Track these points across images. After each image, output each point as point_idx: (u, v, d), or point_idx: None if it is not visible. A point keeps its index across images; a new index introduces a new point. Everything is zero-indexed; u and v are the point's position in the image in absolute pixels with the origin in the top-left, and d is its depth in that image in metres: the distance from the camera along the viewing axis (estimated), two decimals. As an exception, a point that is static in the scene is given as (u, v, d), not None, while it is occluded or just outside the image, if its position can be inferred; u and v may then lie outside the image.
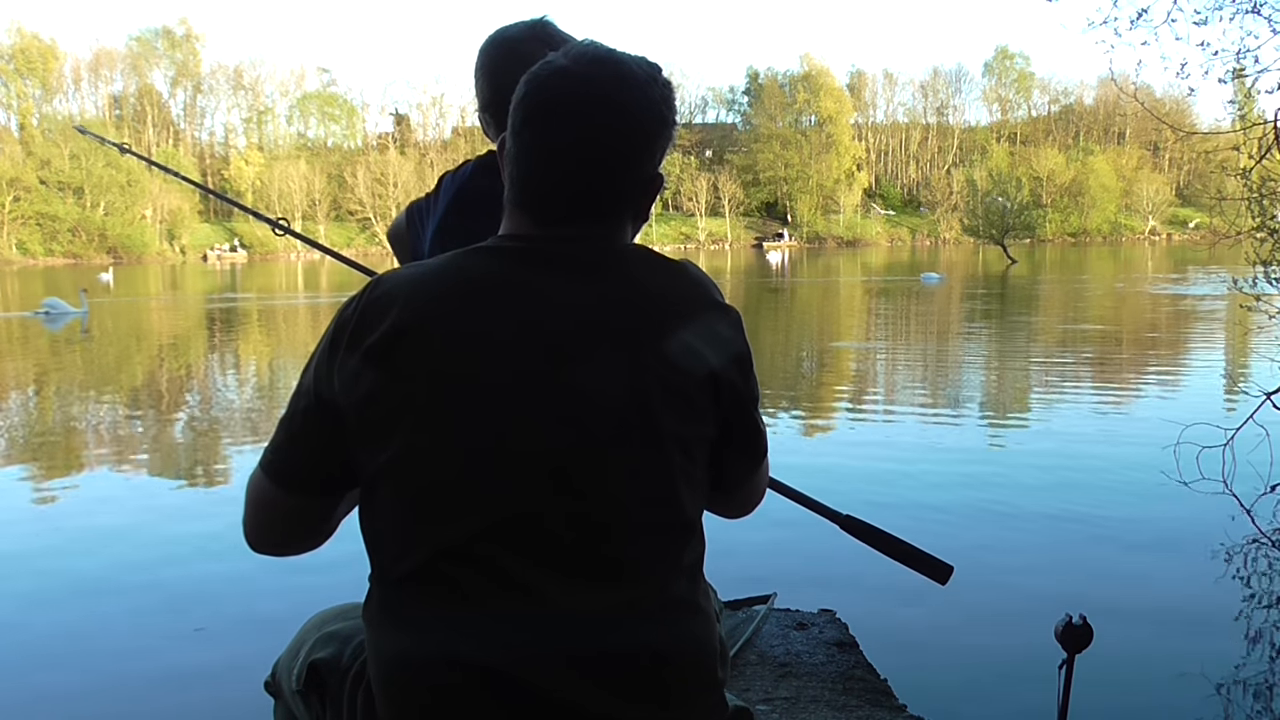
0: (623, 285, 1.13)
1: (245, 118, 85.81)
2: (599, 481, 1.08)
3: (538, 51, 1.62)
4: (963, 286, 26.43)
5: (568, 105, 1.11)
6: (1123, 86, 8.38)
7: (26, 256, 63.83)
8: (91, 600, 4.06)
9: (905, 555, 1.84)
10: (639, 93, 1.13)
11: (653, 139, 1.15)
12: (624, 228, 1.18)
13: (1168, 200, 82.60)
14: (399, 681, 1.09)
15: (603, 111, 1.11)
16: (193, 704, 3.12)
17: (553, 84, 1.12)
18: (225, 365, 13.47)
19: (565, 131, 1.12)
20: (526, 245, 1.14)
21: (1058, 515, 5.05)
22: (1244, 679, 3.25)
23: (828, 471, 5.96)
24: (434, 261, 1.15)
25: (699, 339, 1.12)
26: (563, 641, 1.06)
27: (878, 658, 3.09)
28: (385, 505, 1.11)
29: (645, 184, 1.16)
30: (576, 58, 1.13)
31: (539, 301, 1.10)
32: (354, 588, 1.54)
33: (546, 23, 1.67)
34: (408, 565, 1.09)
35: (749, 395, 1.19)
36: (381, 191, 75.61)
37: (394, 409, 1.07)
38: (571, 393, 1.08)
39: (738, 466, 1.24)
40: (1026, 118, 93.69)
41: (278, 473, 1.15)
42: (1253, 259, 6.44)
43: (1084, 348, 12.97)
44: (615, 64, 1.13)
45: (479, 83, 1.67)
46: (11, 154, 67.16)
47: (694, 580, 1.16)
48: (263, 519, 1.20)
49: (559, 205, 1.14)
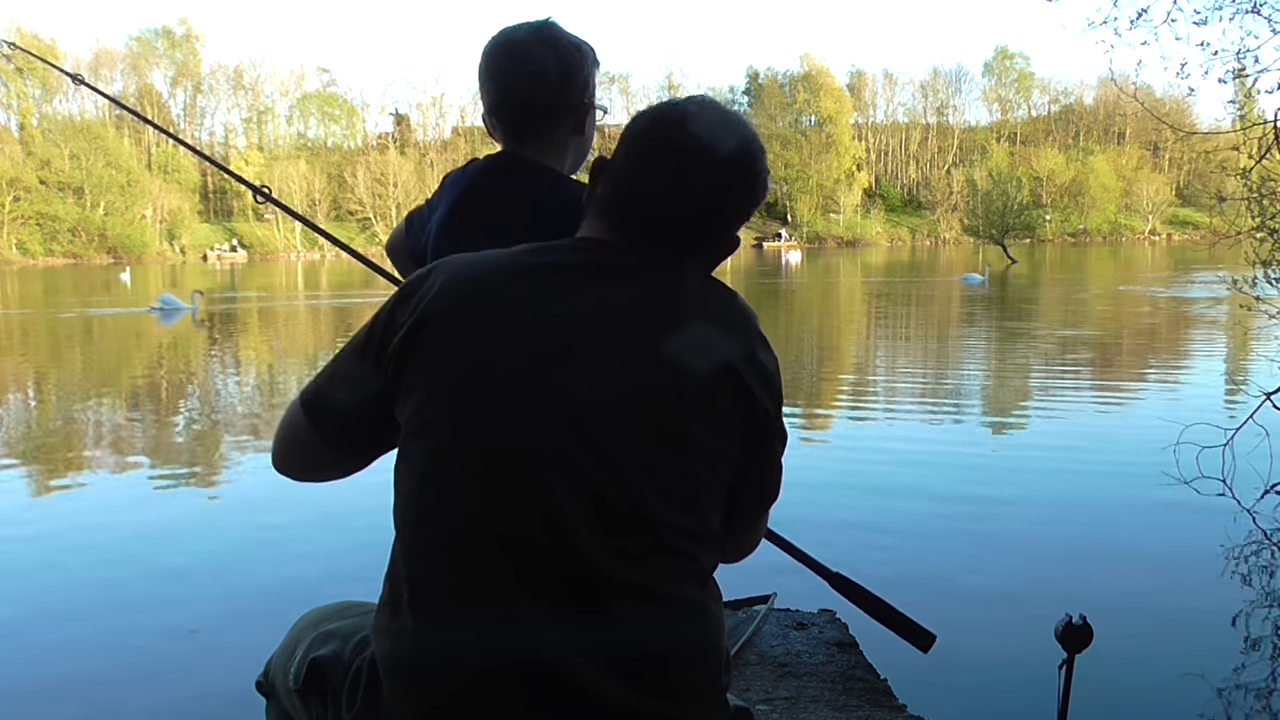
0: (676, 297, 1.18)
1: (245, 118, 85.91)
2: (620, 477, 1.10)
3: (545, 56, 1.61)
4: (962, 289, 26.38)
5: (694, 158, 1.20)
6: (1123, 86, 8.39)
7: (26, 256, 63.81)
8: (92, 602, 4.07)
9: (890, 620, 1.81)
10: (758, 167, 1.24)
11: (753, 209, 1.26)
12: (700, 260, 1.25)
13: (1168, 200, 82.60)
14: (416, 677, 1.09)
15: (726, 177, 1.21)
16: (185, 704, 3.12)
17: (669, 121, 1.21)
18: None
19: (686, 183, 1.20)
20: (600, 249, 1.20)
21: (1058, 515, 5.05)
22: (1244, 678, 3.25)
23: (827, 471, 5.96)
24: (498, 250, 1.21)
25: (742, 364, 1.17)
26: (578, 636, 1.07)
27: (878, 658, 3.09)
28: (408, 480, 1.14)
29: (728, 245, 1.27)
30: (708, 113, 1.22)
31: (590, 297, 1.15)
32: (346, 589, 1.54)
33: (552, 24, 1.65)
34: (424, 557, 1.11)
35: (776, 432, 1.23)
36: (381, 191, 75.64)
37: (424, 377, 1.13)
38: (599, 385, 1.11)
39: (747, 504, 1.26)
40: (1026, 118, 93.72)
41: (310, 406, 1.24)
42: (1253, 259, 6.44)
43: (1084, 348, 12.96)
44: (745, 134, 1.23)
45: (484, 86, 1.65)
46: (11, 154, 67.13)
47: (705, 585, 1.18)
48: (288, 444, 1.28)
49: (647, 232, 1.21)
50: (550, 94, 1.62)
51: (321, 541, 4.70)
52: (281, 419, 1.29)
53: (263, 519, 5.15)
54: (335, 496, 5.43)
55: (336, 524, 4.95)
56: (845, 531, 4.78)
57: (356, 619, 1.30)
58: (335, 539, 4.70)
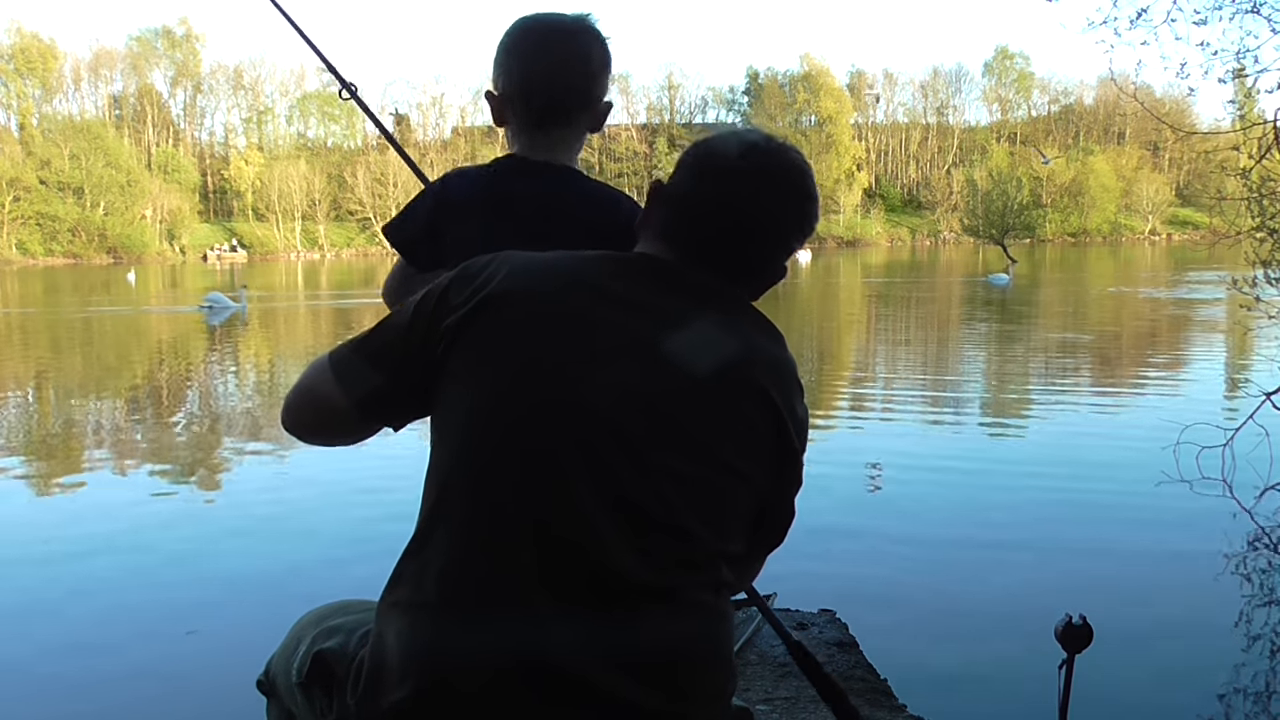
0: (728, 325, 1.20)
1: (245, 118, 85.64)
2: (653, 486, 1.11)
3: (591, 44, 1.56)
4: (963, 290, 26.35)
5: (757, 182, 1.24)
6: (1123, 86, 8.39)
7: (26, 256, 63.77)
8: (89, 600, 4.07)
9: (835, 703, 1.70)
10: (814, 194, 1.29)
11: (806, 237, 1.30)
12: (751, 287, 1.29)
13: (1168, 200, 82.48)
14: (430, 666, 1.09)
15: (785, 203, 1.26)
16: (184, 705, 3.13)
17: (743, 159, 1.24)
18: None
19: (747, 206, 1.24)
20: (660, 267, 1.22)
21: (1058, 515, 5.05)
22: (1244, 678, 3.25)
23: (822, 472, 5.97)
24: (562, 253, 1.23)
25: (782, 401, 1.20)
26: (596, 636, 1.07)
27: (878, 658, 3.09)
28: (442, 462, 1.15)
29: (777, 274, 1.30)
30: (767, 142, 1.27)
31: (645, 312, 1.16)
32: (344, 589, 1.54)
33: (592, 21, 1.59)
34: (448, 542, 1.11)
35: (800, 475, 1.26)
36: (381, 191, 75.50)
37: (474, 362, 1.15)
38: (641, 396, 1.13)
39: (767, 537, 1.28)
40: (1026, 118, 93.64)
41: (342, 370, 1.23)
42: (1253, 259, 6.44)
43: (1085, 348, 12.96)
44: (802, 164, 1.28)
45: (512, 67, 1.57)
46: (11, 154, 67.05)
47: (721, 593, 1.20)
48: (308, 405, 1.27)
49: (705, 252, 1.23)
50: (589, 82, 1.58)
51: (321, 542, 4.71)
52: (301, 379, 1.28)
53: (260, 520, 5.16)
54: (334, 497, 5.46)
55: (336, 525, 4.96)
56: (846, 532, 4.79)
57: (359, 615, 1.30)
58: (334, 540, 4.70)
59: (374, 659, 1.14)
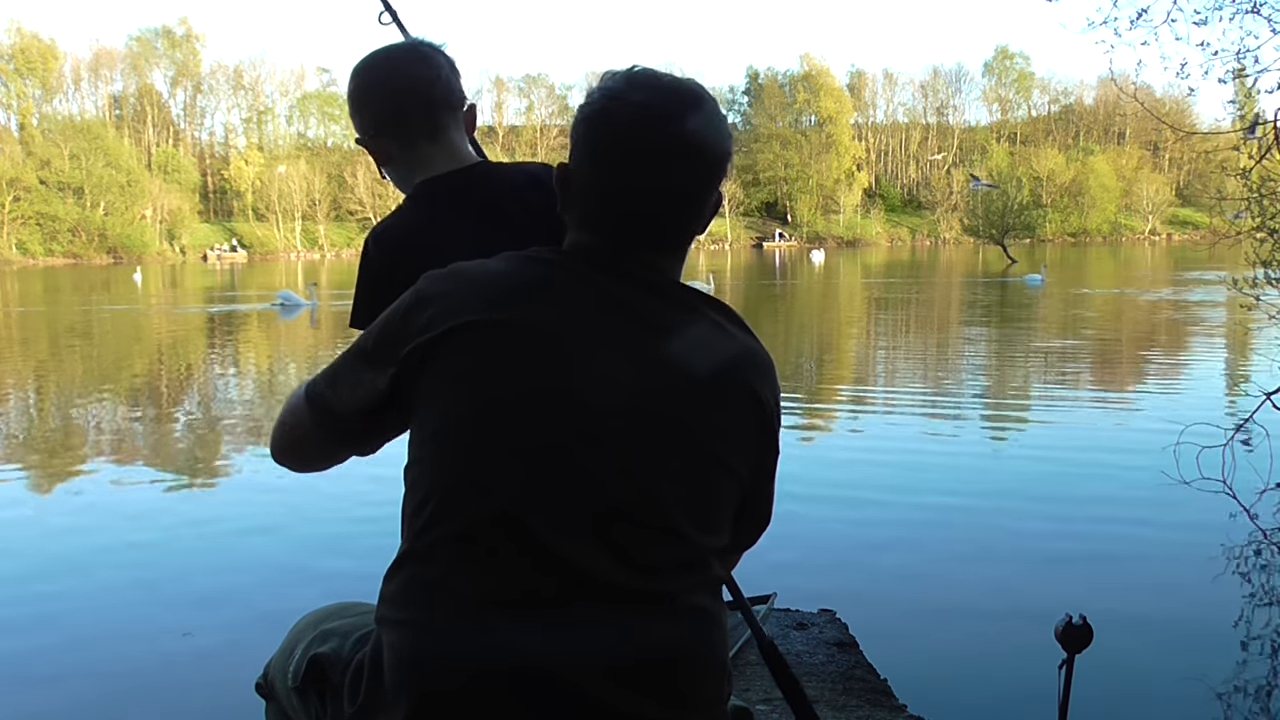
0: (679, 307, 1.18)
1: (245, 118, 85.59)
2: (644, 487, 1.10)
3: (432, 54, 1.61)
4: (963, 291, 26.34)
5: (645, 142, 1.15)
6: (1123, 86, 8.39)
7: (26, 256, 63.73)
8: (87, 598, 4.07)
9: (797, 708, 1.70)
10: (715, 129, 1.18)
11: (724, 172, 1.21)
12: (686, 250, 1.25)
13: (1168, 200, 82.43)
14: (429, 670, 1.09)
15: (681, 153, 1.16)
16: (184, 707, 3.13)
17: (625, 118, 1.15)
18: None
19: (641, 172, 1.16)
20: (595, 260, 1.18)
21: (1058, 515, 5.05)
22: (1244, 678, 3.25)
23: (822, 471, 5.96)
24: (514, 255, 1.20)
25: (769, 395, 1.20)
26: (590, 640, 1.07)
27: (878, 658, 3.09)
28: (422, 480, 1.14)
29: (711, 209, 1.22)
30: (645, 88, 1.16)
31: (600, 308, 1.15)
32: (342, 593, 1.54)
33: (420, 40, 1.68)
34: (436, 553, 1.10)
35: (776, 457, 1.26)
36: (381, 191, 75.44)
37: (447, 380, 1.13)
38: (619, 395, 1.11)
39: (751, 525, 1.28)
40: (1026, 118, 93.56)
41: (317, 401, 1.24)
42: (1253, 259, 6.44)
43: (1085, 348, 12.96)
44: (687, 97, 1.17)
45: (363, 104, 1.64)
46: (11, 154, 67.03)
47: (716, 596, 1.20)
48: (289, 437, 1.30)
49: (628, 233, 1.19)
50: (446, 87, 1.62)
51: (319, 544, 4.71)
52: (282, 412, 1.30)
53: (257, 521, 5.16)
54: (332, 499, 5.45)
55: (334, 527, 4.95)
56: (846, 532, 4.79)
57: (355, 618, 1.30)
58: (332, 541, 4.70)
59: (371, 672, 1.15)
